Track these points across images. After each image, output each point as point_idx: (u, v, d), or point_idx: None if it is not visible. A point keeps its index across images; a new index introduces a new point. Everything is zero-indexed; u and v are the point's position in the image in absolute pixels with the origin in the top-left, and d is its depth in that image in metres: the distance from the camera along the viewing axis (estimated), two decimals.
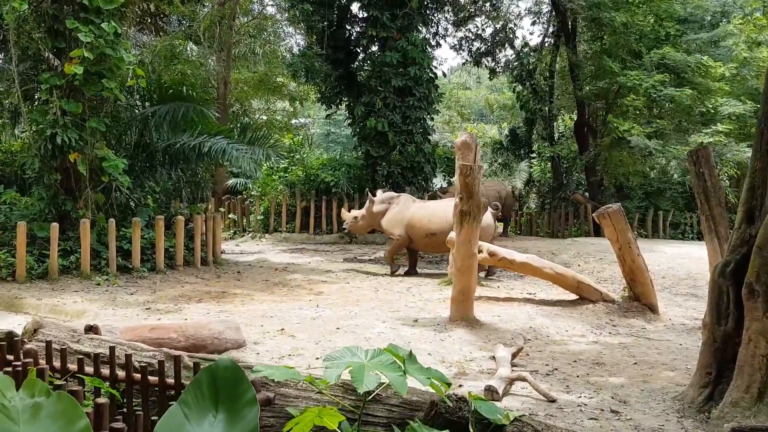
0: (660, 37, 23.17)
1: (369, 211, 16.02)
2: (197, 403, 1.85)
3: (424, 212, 15.31)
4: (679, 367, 8.21)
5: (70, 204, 13.67)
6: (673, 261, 16.19)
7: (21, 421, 1.64)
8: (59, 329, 6.15)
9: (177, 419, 1.82)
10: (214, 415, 1.84)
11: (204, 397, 1.87)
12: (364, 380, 3.44)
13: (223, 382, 1.90)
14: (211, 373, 1.91)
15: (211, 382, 1.89)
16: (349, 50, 26.32)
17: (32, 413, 1.66)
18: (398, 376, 3.50)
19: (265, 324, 9.86)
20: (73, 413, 1.69)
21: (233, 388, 1.89)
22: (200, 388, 1.88)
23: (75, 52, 12.84)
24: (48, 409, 1.68)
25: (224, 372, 1.92)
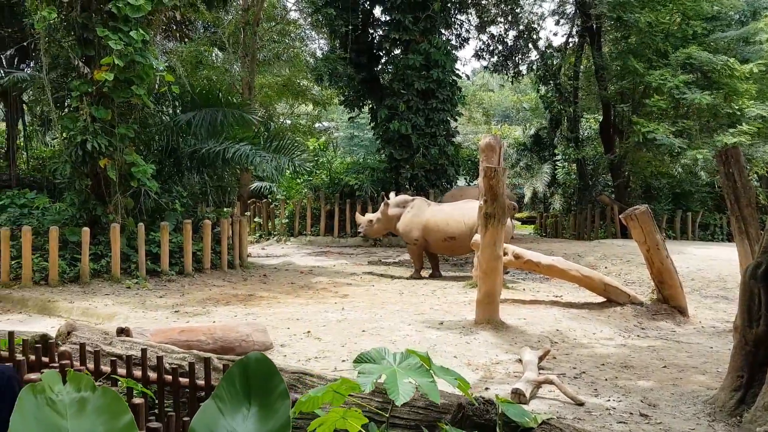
0: (687, 36, 22.94)
1: (384, 215, 16.04)
2: (230, 397, 1.88)
3: (442, 215, 15.23)
4: (710, 370, 8.14)
5: (100, 209, 13.85)
6: (702, 263, 16.02)
7: (68, 415, 1.68)
8: (92, 332, 6.25)
9: (212, 413, 1.85)
10: (247, 408, 1.87)
11: (237, 391, 1.89)
12: (399, 390, 3.41)
13: (254, 375, 1.91)
14: (243, 367, 1.93)
15: (243, 376, 1.91)
16: (372, 54, 26.41)
17: (79, 407, 1.70)
18: (429, 381, 3.49)
19: (291, 326, 9.92)
20: (117, 408, 1.73)
21: (265, 382, 1.91)
22: (233, 382, 1.91)
23: (105, 59, 13.04)
24: (94, 404, 1.72)
25: (256, 366, 1.94)
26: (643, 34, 22.72)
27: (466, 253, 16.08)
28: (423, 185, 24.26)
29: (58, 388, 1.72)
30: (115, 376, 4.86)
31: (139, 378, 4.96)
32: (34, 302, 11.66)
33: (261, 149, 16.24)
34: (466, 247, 15.08)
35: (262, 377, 1.92)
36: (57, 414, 1.67)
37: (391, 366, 3.59)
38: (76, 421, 1.67)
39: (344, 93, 27.04)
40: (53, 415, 1.66)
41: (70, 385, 1.74)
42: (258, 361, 1.95)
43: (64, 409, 1.68)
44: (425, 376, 3.54)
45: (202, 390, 4.85)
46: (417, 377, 3.51)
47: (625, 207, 18.41)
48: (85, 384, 1.75)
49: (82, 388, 1.74)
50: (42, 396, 1.68)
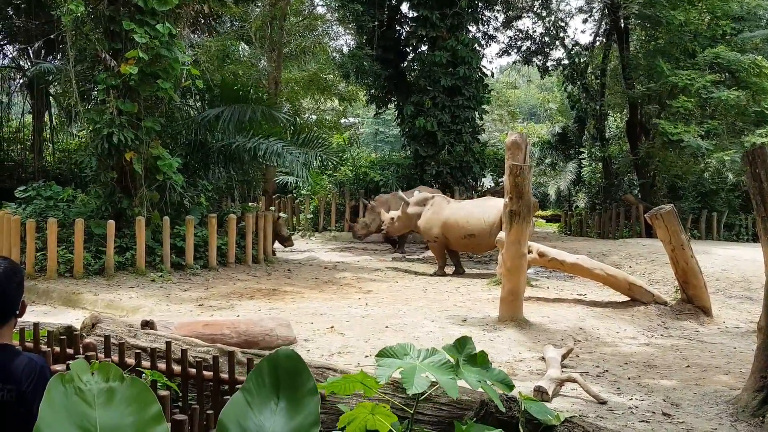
0: (716, 35, 22.68)
1: (405, 213, 16.09)
2: (259, 392, 1.88)
3: (462, 213, 15.24)
4: (733, 370, 8.07)
5: (126, 202, 13.97)
6: (727, 263, 15.86)
7: (96, 404, 1.70)
8: (116, 324, 6.33)
9: (240, 406, 1.86)
10: (275, 403, 1.87)
11: (265, 386, 1.89)
12: (414, 382, 3.45)
13: (284, 371, 1.92)
14: (272, 362, 1.94)
15: (272, 370, 1.92)
16: (399, 50, 26.39)
17: (107, 397, 1.71)
18: (449, 379, 3.50)
19: (315, 321, 9.97)
20: (146, 398, 1.74)
21: (294, 378, 1.91)
22: (262, 376, 1.91)
23: (131, 53, 13.14)
24: (122, 394, 1.73)
25: (285, 361, 1.94)
26: (672, 33, 22.50)
27: (486, 250, 16.10)
28: (448, 182, 24.21)
29: (87, 377, 1.74)
30: (140, 368, 4.92)
31: (164, 371, 5.02)
32: (59, 294, 11.82)
33: (289, 144, 16.29)
34: (486, 244, 15.12)
35: (292, 373, 1.93)
36: (85, 403, 1.69)
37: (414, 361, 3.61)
38: (105, 411, 1.69)
39: (370, 89, 27.05)
40: (82, 405, 1.68)
41: (99, 374, 1.76)
42: (288, 357, 1.96)
43: (93, 399, 1.70)
44: (447, 373, 3.54)
45: (226, 384, 4.90)
46: (438, 374, 3.52)
47: (650, 206, 18.25)
48: (113, 374, 1.77)
49: (111, 378, 1.76)
50: (71, 385, 1.70)
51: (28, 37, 21.48)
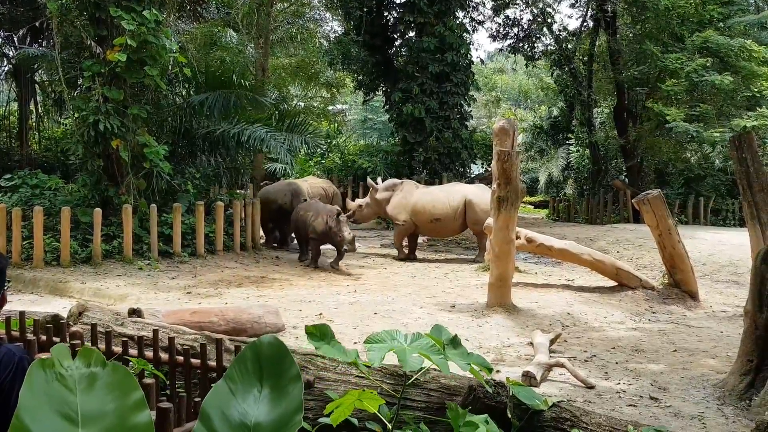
0: (703, 20, 22.69)
1: (373, 199, 16.21)
2: (242, 379, 1.87)
3: (428, 198, 15.55)
4: (720, 354, 8.13)
5: (112, 190, 13.88)
6: (714, 248, 15.96)
7: (78, 390, 1.68)
8: (103, 312, 6.30)
9: (223, 394, 1.84)
10: (258, 391, 1.86)
11: (248, 373, 1.88)
12: (408, 361, 3.50)
13: (267, 358, 1.90)
14: (255, 349, 1.92)
15: (255, 357, 1.90)
16: (386, 36, 26.28)
17: (88, 383, 1.69)
18: (440, 358, 3.55)
19: (303, 309, 9.97)
20: (128, 385, 1.72)
21: (277, 364, 1.90)
22: (245, 364, 1.90)
23: (118, 39, 13.03)
24: (104, 380, 1.71)
25: (268, 348, 1.92)
26: (660, 18, 22.49)
27: (451, 234, 16.73)
28: (436, 169, 24.21)
29: (68, 363, 1.71)
30: (127, 356, 4.90)
31: (151, 359, 5.00)
32: (46, 283, 11.74)
33: (274, 130, 16.22)
34: (450, 228, 15.70)
35: (275, 360, 1.91)
36: (66, 389, 1.66)
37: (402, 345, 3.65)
38: (86, 397, 1.67)
39: (358, 76, 26.95)
40: (63, 390, 1.66)
41: (80, 360, 1.73)
42: (270, 344, 1.94)
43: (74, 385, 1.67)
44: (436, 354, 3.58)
45: (214, 371, 4.88)
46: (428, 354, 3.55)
47: (637, 192, 18.30)
48: (95, 359, 1.74)
49: (92, 363, 1.73)
50: (51, 371, 1.68)
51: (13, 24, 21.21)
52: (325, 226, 13.89)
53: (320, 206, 14.66)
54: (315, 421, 4.11)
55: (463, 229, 16.05)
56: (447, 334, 3.77)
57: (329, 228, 13.81)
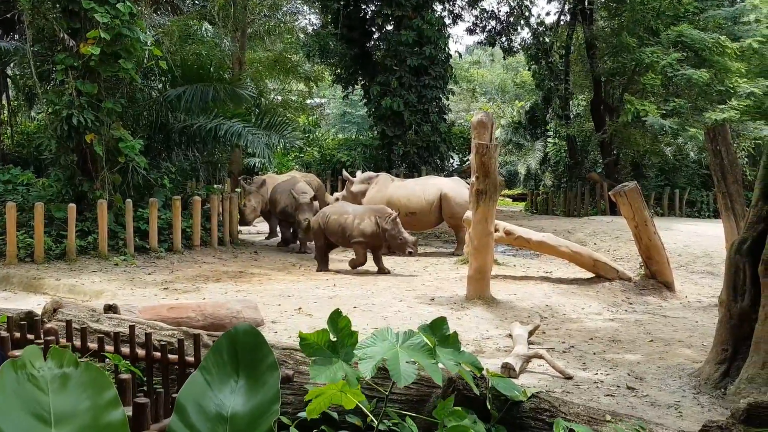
0: (678, 14, 22.87)
1: (349, 192, 16.22)
2: (218, 370, 1.84)
3: (403, 191, 15.56)
4: (696, 344, 8.21)
5: (87, 185, 13.74)
6: (689, 239, 16.13)
7: (50, 390, 1.66)
8: (78, 309, 6.23)
9: (199, 386, 1.82)
10: (235, 381, 1.84)
11: (224, 363, 1.85)
12: (401, 373, 3.35)
13: (242, 347, 1.88)
14: (231, 339, 1.89)
15: (231, 347, 1.87)
16: (364, 29, 26.21)
17: (61, 383, 1.67)
18: (431, 363, 3.45)
19: (282, 303, 9.93)
20: (101, 383, 1.69)
21: (253, 353, 1.87)
22: (220, 354, 1.87)
23: (92, 33, 12.87)
24: (76, 379, 1.68)
25: (244, 337, 1.90)
26: (635, 11, 22.64)
27: (426, 228, 16.69)
28: (415, 162, 24.23)
29: (40, 363, 1.69)
30: (103, 353, 4.84)
31: (127, 355, 4.95)
32: (19, 279, 11.59)
33: (252, 126, 16.14)
34: (425, 222, 15.75)
35: (251, 349, 1.88)
36: (38, 390, 1.64)
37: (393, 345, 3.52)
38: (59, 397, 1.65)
39: (336, 70, 26.87)
40: (34, 391, 1.64)
41: (52, 360, 1.71)
42: (246, 333, 1.91)
43: (46, 385, 1.65)
44: (428, 357, 3.50)
45: (192, 367, 4.83)
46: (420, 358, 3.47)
47: (614, 184, 18.43)
48: (67, 360, 1.72)
49: (65, 363, 1.71)
50: (23, 371, 1.65)
51: None
52: (377, 229, 12.72)
53: (357, 207, 13.64)
54: (294, 416, 4.10)
55: (438, 223, 16.09)
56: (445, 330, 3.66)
57: (383, 231, 12.66)
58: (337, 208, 13.62)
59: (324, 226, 13.16)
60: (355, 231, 12.82)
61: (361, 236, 12.80)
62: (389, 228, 12.61)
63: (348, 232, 12.89)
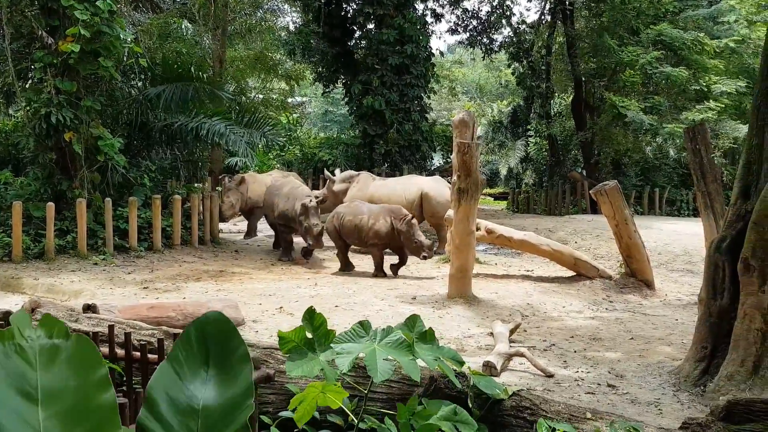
0: (658, 13, 23.08)
1: (330, 191, 16.15)
2: (187, 359, 1.77)
3: (385, 190, 15.52)
4: (675, 342, 8.27)
5: (65, 183, 13.61)
6: (669, 237, 16.25)
7: (38, 364, 1.57)
8: (57, 309, 6.17)
9: (168, 376, 1.75)
10: (205, 371, 1.77)
11: (194, 353, 1.78)
12: (378, 369, 3.34)
13: (213, 336, 1.80)
14: (200, 327, 1.81)
15: (200, 336, 1.80)
16: (346, 28, 26.18)
17: (49, 356, 1.59)
18: (409, 360, 3.44)
19: (263, 302, 9.89)
20: (93, 359, 1.62)
21: (224, 343, 1.80)
22: (189, 343, 1.79)
23: (71, 30, 12.74)
24: (66, 353, 1.60)
25: (214, 326, 1.82)
26: (616, 11, 22.81)
27: None
28: (397, 161, 24.22)
29: (29, 332, 1.60)
30: None
31: (106, 355, 4.90)
32: None
33: (233, 124, 16.06)
34: None
35: (221, 338, 1.80)
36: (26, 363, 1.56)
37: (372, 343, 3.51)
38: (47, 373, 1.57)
39: (318, 68, 26.82)
40: (22, 365, 1.55)
41: (42, 330, 1.62)
42: (216, 321, 1.83)
43: (35, 358, 1.58)
44: (405, 354, 3.49)
45: None
46: (397, 355, 3.46)
47: (595, 183, 18.54)
48: (57, 330, 1.63)
49: (55, 334, 1.62)
50: (10, 342, 1.57)
51: None
52: (391, 230, 12.27)
53: (373, 207, 13.01)
54: (276, 416, 4.08)
55: (419, 222, 16.07)
56: (420, 327, 3.67)
57: (397, 232, 12.20)
58: (353, 208, 13.07)
59: (339, 227, 12.79)
60: (370, 232, 12.39)
61: (376, 238, 12.39)
62: (404, 230, 12.15)
63: (363, 234, 12.48)
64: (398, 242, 12.33)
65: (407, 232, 12.10)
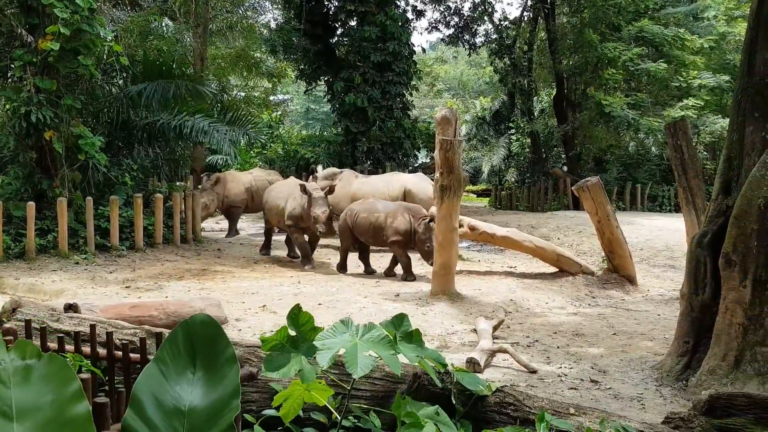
0: (639, 10, 23.23)
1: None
2: (174, 361, 1.77)
3: (367, 188, 15.47)
4: (658, 336, 8.32)
5: (46, 183, 13.51)
6: (650, 233, 16.35)
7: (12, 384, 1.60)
8: (38, 308, 6.11)
9: (155, 378, 1.75)
10: (192, 373, 1.77)
11: (180, 354, 1.78)
12: (358, 363, 3.31)
13: (199, 338, 1.80)
14: (187, 329, 1.81)
15: (187, 337, 1.80)
16: (328, 25, 26.11)
17: (23, 376, 1.62)
18: (390, 354, 3.43)
19: (246, 301, 9.85)
20: (65, 376, 1.65)
21: (211, 345, 1.80)
22: (176, 344, 1.80)
23: (50, 28, 12.62)
24: (40, 372, 1.64)
25: (201, 328, 1.82)
26: (597, 7, 22.92)
27: None
28: (380, 158, 24.21)
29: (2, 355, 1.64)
30: (63, 353, 4.75)
31: (88, 355, 4.86)
32: None
33: (216, 121, 16.00)
34: None
35: (208, 340, 1.81)
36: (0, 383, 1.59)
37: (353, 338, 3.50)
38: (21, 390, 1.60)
39: (299, 65, 26.75)
40: None
41: (15, 353, 1.66)
42: (203, 323, 1.83)
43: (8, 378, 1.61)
44: (387, 348, 3.48)
45: None
46: (379, 350, 3.45)
47: (577, 179, 18.64)
48: (30, 352, 1.67)
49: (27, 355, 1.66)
50: None
51: None
52: (409, 228, 11.65)
53: (388, 204, 12.47)
54: (259, 414, 4.06)
55: None
56: (407, 327, 3.64)
57: (414, 232, 11.64)
58: (367, 206, 12.50)
59: (352, 225, 12.30)
60: (390, 230, 11.83)
61: (397, 235, 11.77)
62: (420, 231, 11.54)
63: (382, 232, 11.92)
64: (412, 241, 11.80)
65: (423, 234, 11.50)
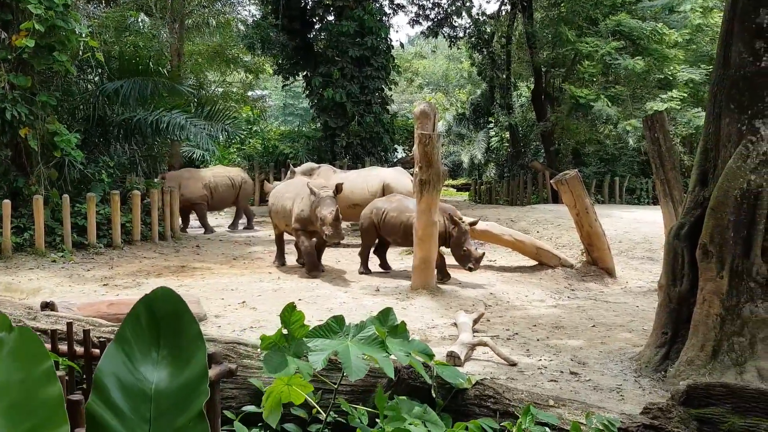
0: (616, 4, 23.34)
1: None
2: (136, 339, 1.67)
3: (346, 183, 15.28)
4: (636, 328, 8.38)
5: (21, 180, 13.37)
6: (629, 226, 16.46)
7: None
8: (14, 307, 6.04)
9: (117, 359, 1.65)
10: (156, 352, 1.67)
11: (143, 331, 1.68)
12: (353, 367, 3.29)
13: (163, 314, 1.70)
14: (148, 303, 1.71)
15: (150, 313, 1.69)
16: (305, 20, 26.02)
17: None
18: (383, 357, 3.42)
19: (225, 297, 9.80)
20: (37, 352, 1.55)
21: (176, 322, 1.70)
22: (138, 321, 1.69)
23: (25, 24, 12.49)
24: (9, 346, 1.54)
25: (164, 302, 1.71)
26: (574, 1, 23.01)
27: None
28: (359, 153, 24.18)
29: None
30: None
31: (65, 353, 4.81)
32: None
33: (193, 117, 15.89)
34: None
35: (172, 316, 1.70)
36: None
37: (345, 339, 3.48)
38: None
39: (277, 61, 26.64)
40: None
41: None
42: (165, 297, 1.72)
43: None
44: (379, 350, 3.46)
45: None
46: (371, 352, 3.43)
47: (556, 172, 18.72)
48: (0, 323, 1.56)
49: None
50: None
51: None
52: (444, 230, 10.78)
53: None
54: (239, 410, 4.04)
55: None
56: (393, 321, 3.64)
57: (449, 235, 10.88)
58: (396, 204, 11.63)
59: (379, 224, 11.61)
60: None
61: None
62: (455, 234, 10.86)
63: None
64: (445, 243, 11.02)
65: (459, 238, 10.83)
